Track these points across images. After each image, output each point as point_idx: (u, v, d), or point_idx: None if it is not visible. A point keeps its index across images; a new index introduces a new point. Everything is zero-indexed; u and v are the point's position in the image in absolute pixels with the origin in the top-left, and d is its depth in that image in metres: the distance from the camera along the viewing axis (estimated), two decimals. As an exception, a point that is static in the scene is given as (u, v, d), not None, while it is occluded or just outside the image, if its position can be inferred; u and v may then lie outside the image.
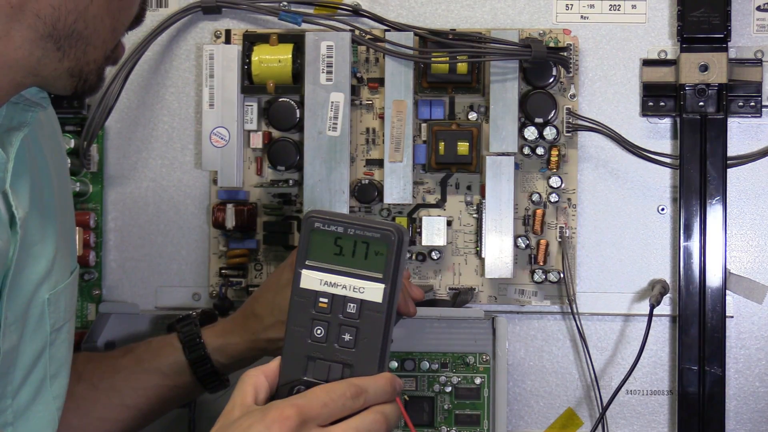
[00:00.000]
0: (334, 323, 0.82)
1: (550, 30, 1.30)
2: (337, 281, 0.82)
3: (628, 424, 1.31)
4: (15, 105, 0.88)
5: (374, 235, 0.82)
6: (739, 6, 1.28)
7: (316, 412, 0.78)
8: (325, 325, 0.82)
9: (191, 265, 1.34)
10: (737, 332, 1.30)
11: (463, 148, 1.27)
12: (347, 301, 0.82)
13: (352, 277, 0.82)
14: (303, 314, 0.82)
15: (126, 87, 1.31)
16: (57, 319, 0.92)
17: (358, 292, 0.82)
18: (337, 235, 0.82)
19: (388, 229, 0.82)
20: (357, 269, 0.82)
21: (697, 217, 1.27)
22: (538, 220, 1.29)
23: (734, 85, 1.27)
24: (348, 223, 0.82)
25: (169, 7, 1.34)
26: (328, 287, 0.82)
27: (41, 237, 0.90)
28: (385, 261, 0.82)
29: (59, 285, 0.92)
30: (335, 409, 0.78)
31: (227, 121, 1.29)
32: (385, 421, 0.80)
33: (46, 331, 0.91)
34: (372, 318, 0.82)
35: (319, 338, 0.82)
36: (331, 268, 0.82)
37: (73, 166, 1.32)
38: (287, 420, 0.76)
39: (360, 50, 1.31)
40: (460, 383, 1.28)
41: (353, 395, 0.79)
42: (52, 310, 0.91)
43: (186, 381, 1.11)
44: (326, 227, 0.82)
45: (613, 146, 1.31)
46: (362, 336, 0.82)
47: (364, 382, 0.80)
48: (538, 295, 1.31)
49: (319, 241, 0.82)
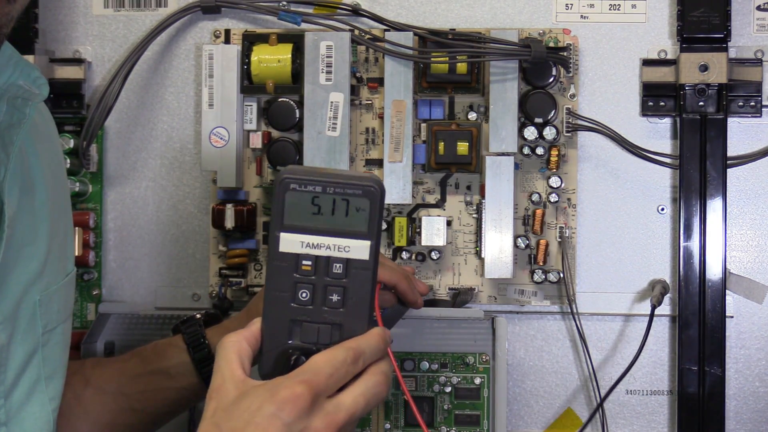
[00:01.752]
0: (320, 285, 0.80)
1: (550, 30, 1.30)
2: (320, 242, 0.79)
3: (628, 424, 1.31)
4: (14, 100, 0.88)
5: (355, 192, 0.79)
6: (739, 6, 1.28)
7: (324, 384, 0.77)
8: (310, 288, 0.80)
9: (191, 265, 1.34)
10: (737, 332, 1.30)
11: (462, 148, 1.27)
12: (332, 262, 0.80)
13: (335, 236, 0.80)
14: (284, 278, 0.80)
15: (125, 87, 1.31)
16: (49, 320, 0.92)
17: (344, 252, 0.80)
18: (314, 194, 0.79)
19: (368, 185, 0.79)
20: (340, 228, 0.80)
21: (697, 217, 1.27)
22: (537, 220, 1.29)
23: (734, 84, 1.27)
24: (325, 181, 0.79)
25: (168, 6, 1.34)
26: (311, 249, 0.80)
27: (32, 238, 0.90)
28: (368, 217, 0.79)
29: (52, 286, 0.92)
30: (339, 377, 0.78)
31: (227, 121, 1.29)
32: (386, 379, 0.80)
33: (37, 332, 0.90)
34: (359, 276, 0.80)
35: (305, 301, 0.80)
36: (312, 228, 0.79)
37: (73, 166, 1.32)
38: (299, 398, 0.75)
39: (359, 50, 1.31)
40: (460, 383, 1.28)
41: (353, 360, 0.78)
42: (44, 311, 0.91)
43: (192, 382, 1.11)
44: (303, 188, 0.79)
45: (613, 146, 1.31)
46: (350, 295, 0.80)
47: (360, 344, 0.79)
48: (538, 295, 1.31)
49: (296, 203, 0.79)
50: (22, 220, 0.88)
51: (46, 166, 0.94)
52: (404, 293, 1.11)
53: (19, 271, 0.88)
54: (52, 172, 0.95)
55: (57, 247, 0.94)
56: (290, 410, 0.75)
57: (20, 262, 0.88)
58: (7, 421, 0.89)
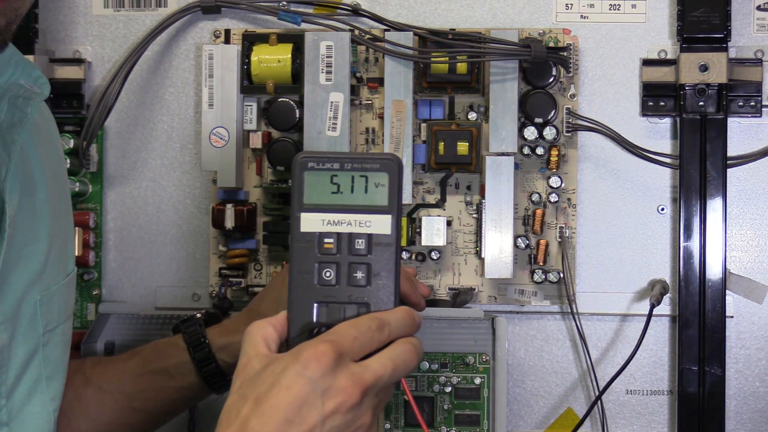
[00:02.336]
0: (344, 263, 0.79)
1: (550, 30, 1.30)
2: (341, 219, 0.79)
3: (628, 424, 1.31)
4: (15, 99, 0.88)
5: (373, 166, 0.79)
6: (739, 6, 1.28)
7: (348, 345, 0.76)
8: (334, 267, 0.79)
9: (191, 265, 1.34)
10: (737, 332, 1.30)
11: (462, 148, 1.27)
12: (354, 238, 0.79)
13: (356, 213, 0.79)
14: (307, 258, 0.79)
15: (125, 87, 1.31)
16: (50, 320, 0.92)
17: (365, 227, 0.79)
18: (333, 172, 0.79)
19: (386, 158, 0.79)
20: (360, 204, 0.79)
21: (697, 217, 1.27)
22: (537, 220, 1.29)
23: (734, 84, 1.27)
24: (343, 158, 0.79)
25: (168, 6, 1.34)
26: (332, 226, 0.79)
27: (33, 238, 0.90)
28: (388, 191, 0.79)
29: (52, 286, 0.92)
30: (365, 342, 0.77)
31: (227, 121, 1.29)
32: (415, 350, 0.79)
33: (38, 332, 0.90)
34: (382, 251, 0.79)
35: (329, 280, 0.79)
36: (332, 206, 0.79)
37: (73, 166, 1.32)
38: (323, 356, 0.74)
39: (359, 50, 1.31)
40: (460, 383, 1.28)
41: (378, 327, 0.77)
42: (45, 311, 0.91)
43: (192, 382, 1.11)
44: (321, 165, 0.79)
45: (613, 146, 1.31)
46: (375, 271, 0.79)
47: (385, 315, 0.78)
48: (538, 295, 1.31)
49: (315, 182, 0.79)
50: (23, 219, 0.89)
51: (47, 165, 0.94)
52: (407, 295, 1.10)
53: (20, 271, 0.88)
54: (53, 171, 0.95)
55: (58, 247, 0.94)
56: (315, 367, 0.74)
57: (21, 262, 0.88)
58: (8, 421, 0.89)
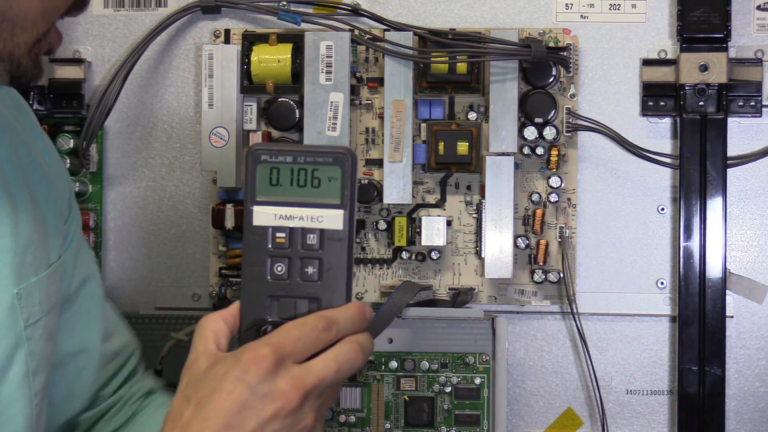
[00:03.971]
0: (295, 257, 0.78)
1: (550, 29, 1.30)
2: (293, 213, 0.78)
3: (628, 424, 1.31)
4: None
5: (326, 160, 0.78)
6: (739, 5, 1.28)
7: (291, 347, 0.75)
8: (286, 261, 0.78)
9: (191, 265, 1.34)
10: (737, 332, 1.30)
11: (462, 148, 1.27)
12: (306, 233, 0.78)
13: (308, 207, 0.78)
14: (259, 252, 0.78)
15: (125, 87, 1.31)
16: (31, 313, 0.91)
17: (317, 222, 0.78)
18: (286, 165, 0.78)
19: (339, 152, 0.78)
20: (312, 198, 0.78)
21: (697, 217, 1.27)
22: (537, 220, 1.29)
23: (734, 84, 1.27)
24: (296, 151, 0.78)
25: (168, 6, 1.34)
26: (284, 221, 0.78)
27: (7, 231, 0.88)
28: (340, 186, 0.78)
29: (32, 278, 0.91)
30: (309, 342, 0.76)
31: (226, 121, 1.29)
32: (361, 349, 0.78)
33: (19, 326, 0.89)
34: (334, 247, 0.78)
35: (280, 275, 0.79)
36: (285, 200, 0.78)
37: (73, 166, 1.32)
38: (263, 360, 0.74)
39: (359, 50, 1.31)
40: (460, 383, 1.28)
41: (325, 327, 0.77)
42: (24, 304, 0.90)
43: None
44: (274, 158, 0.78)
45: (613, 146, 1.30)
46: (326, 267, 0.79)
47: (335, 313, 0.78)
48: (538, 295, 1.31)
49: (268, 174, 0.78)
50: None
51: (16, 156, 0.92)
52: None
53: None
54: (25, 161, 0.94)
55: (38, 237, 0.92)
56: (254, 372, 0.74)
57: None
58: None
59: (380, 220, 1.31)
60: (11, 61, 0.81)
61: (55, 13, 0.82)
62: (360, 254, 1.32)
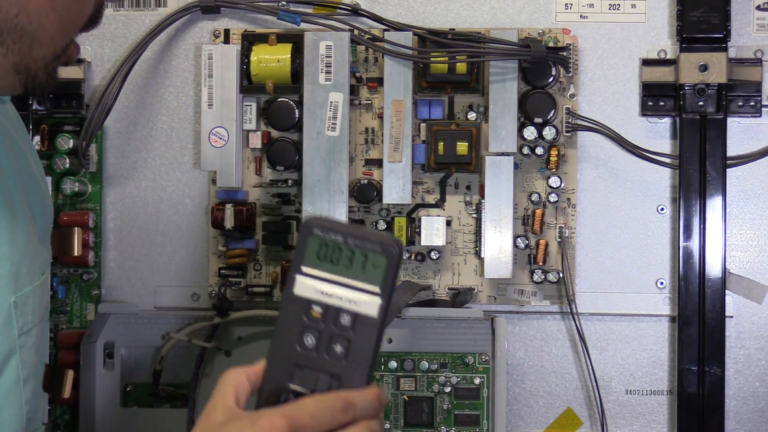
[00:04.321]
0: (326, 333, 0.80)
1: (550, 29, 1.30)
2: (333, 291, 0.80)
3: (627, 424, 1.31)
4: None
5: (374, 248, 0.80)
6: (739, 5, 1.28)
7: (305, 422, 0.76)
8: (317, 335, 0.80)
9: (190, 265, 1.34)
10: (737, 332, 1.30)
11: (462, 148, 1.27)
12: (341, 312, 0.80)
13: (348, 288, 0.80)
14: (294, 320, 0.80)
15: (125, 87, 1.31)
16: (25, 322, 0.91)
17: (354, 304, 0.80)
18: (336, 243, 0.80)
19: (389, 243, 0.80)
20: (354, 281, 0.80)
21: (696, 217, 1.27)
22: (537, 220, 1.29)
23: (734, 84, 1.27)
24: (348, 232, 0.80)
25: (167, 6, 1.34)
26: (323, 296, 0.80)
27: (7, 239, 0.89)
28: (383, 275, 0.80)
29: (27, 287, 0.91)
30: (323, 420, 0.77)
31: (226, 121, 1.28)
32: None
33: (14, 334, 0.90)
34: (365, 331, 0.80)
35: (309, 347, 0.80)
36: (328, 277, 0.80)
37: (72, 166, 1.32)
38: (277, 429, 0.75)
39: (359, 50, 1.31)
40: (460, 383, 1.28)
41: (342, 408, 0.78)
42: (19, 313, 0.90)
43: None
44: (326, 234, 0.80)
45: (612, 146, 1.30)
46: (353, 348, 0.80)
47: (353, 396, 0.79)
48: (538, 295, 1.31)
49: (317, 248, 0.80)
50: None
51: (15, 166, 0.93)
52: None
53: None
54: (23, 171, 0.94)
55: (33, 247, 0.93)
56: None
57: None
58: None
59: (380, 220, 1.31)
60: (27, 74, 0.82)
61: (73, 29, 0.83)
62: (359, 254, 1.32)
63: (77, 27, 0.83)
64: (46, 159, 1.32)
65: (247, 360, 1.36)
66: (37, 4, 0.78)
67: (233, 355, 1.32)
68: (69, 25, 0.82)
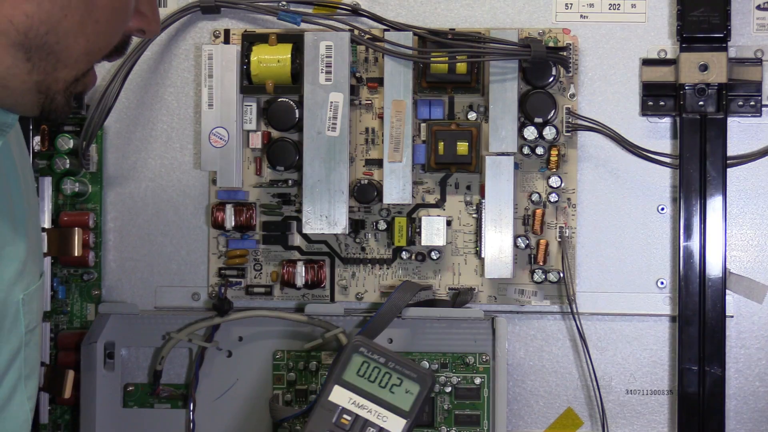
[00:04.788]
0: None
1: (550, 29, 1.30)
2: (365, 404, 0.91)
3: (628, 424, 1.31)
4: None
5: (411, 375, 0.92)
6: (739, 5, 1.28)
7: None
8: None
9: (190, 265, 1.34)
10: (737, 332, 1.30)
11: (462, 148, 1.27)
12: (368, 425, 0.90)
13: (379, 405, 0.91)
14: (323, 423, 0.90)
15: (125, 87, 1.31)
16: (31, 320, 0.93)
17: (381, 420, 0.90)
18: (377, 364, 0.92)
19: (424, 374, 0.92)
20: (386, 399, 0.91)
21: (697, 217, 1.27)
22: (537, 219, 1.29)
23: (734, 84, 1.27)
24: (390, 357, 0.92)
25: (167, 6, 1.34)
26: (355, 407, 0.90)
27: (12, 238, 0.90)
28: (414, 400, 0.91)
29: (31, 286, 0.93)
30: None
31: (226, 121, 1.28)
32: None
33: (21, 332, 0.91)
34: None
35: None
36: (363, 390, 0.91)
37: (73, 166, 1.32)
38: None
39: (359, 50, 1.31)
40: (460, 383, 1.28)
41: None
42: (26, 310, 0.91)
43: None
44: (370, 354, 0.92)
45: (612, 146, 1.30)
46: None
47: None
48: (538, 295, 1.31)
49: (359, 365, 0.91)
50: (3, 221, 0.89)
51: (18, 164, 0.94)
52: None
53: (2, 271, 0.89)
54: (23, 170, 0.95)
55: (33, 248, 0.94)
56: None
57: (3, 263, 0.89)
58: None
59: (380, 220, 1.31)
60: (47, 95, 0.83)
61: (98, 54, 0.84)
62: (360, 254, 1.32)
63: (101, 54, 0.84)
64: (46, 159, 1.32)
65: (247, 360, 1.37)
66: (67, 25, 0.79)
67: (233, 355, 1.32)
68: (95, 50, 0.83)
